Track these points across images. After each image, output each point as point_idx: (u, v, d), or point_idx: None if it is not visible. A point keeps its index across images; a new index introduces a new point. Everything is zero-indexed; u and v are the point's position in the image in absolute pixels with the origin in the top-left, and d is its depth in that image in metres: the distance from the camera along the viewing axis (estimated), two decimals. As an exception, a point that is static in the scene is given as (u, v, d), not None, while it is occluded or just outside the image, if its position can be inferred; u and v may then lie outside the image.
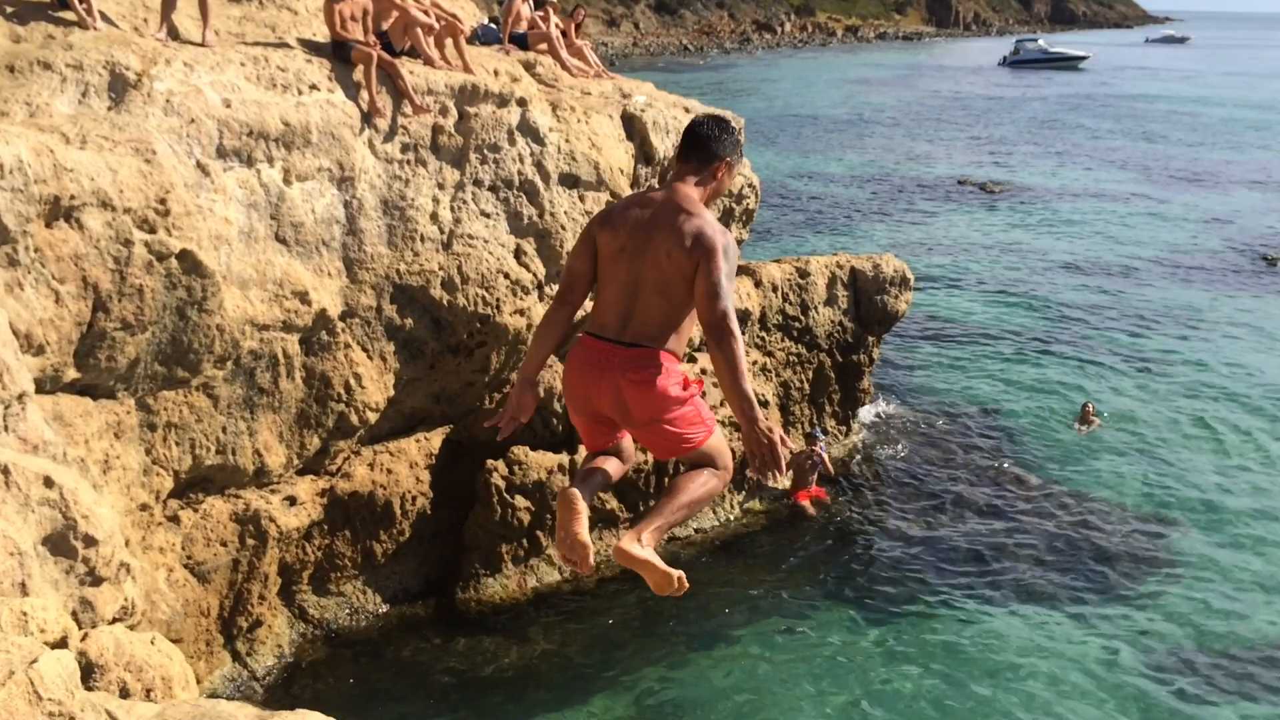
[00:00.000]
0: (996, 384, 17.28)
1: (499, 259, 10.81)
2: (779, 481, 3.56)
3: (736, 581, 11.36)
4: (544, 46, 12.90)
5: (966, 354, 18.66)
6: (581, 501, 3.97)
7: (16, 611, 4.47)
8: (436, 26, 11.01)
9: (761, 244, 24.52)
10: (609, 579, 11.02)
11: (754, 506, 12.88)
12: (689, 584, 3.97)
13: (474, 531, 10.93)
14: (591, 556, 3.97)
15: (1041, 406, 16.35)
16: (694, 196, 4.07)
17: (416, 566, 10.91)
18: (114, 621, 6.02)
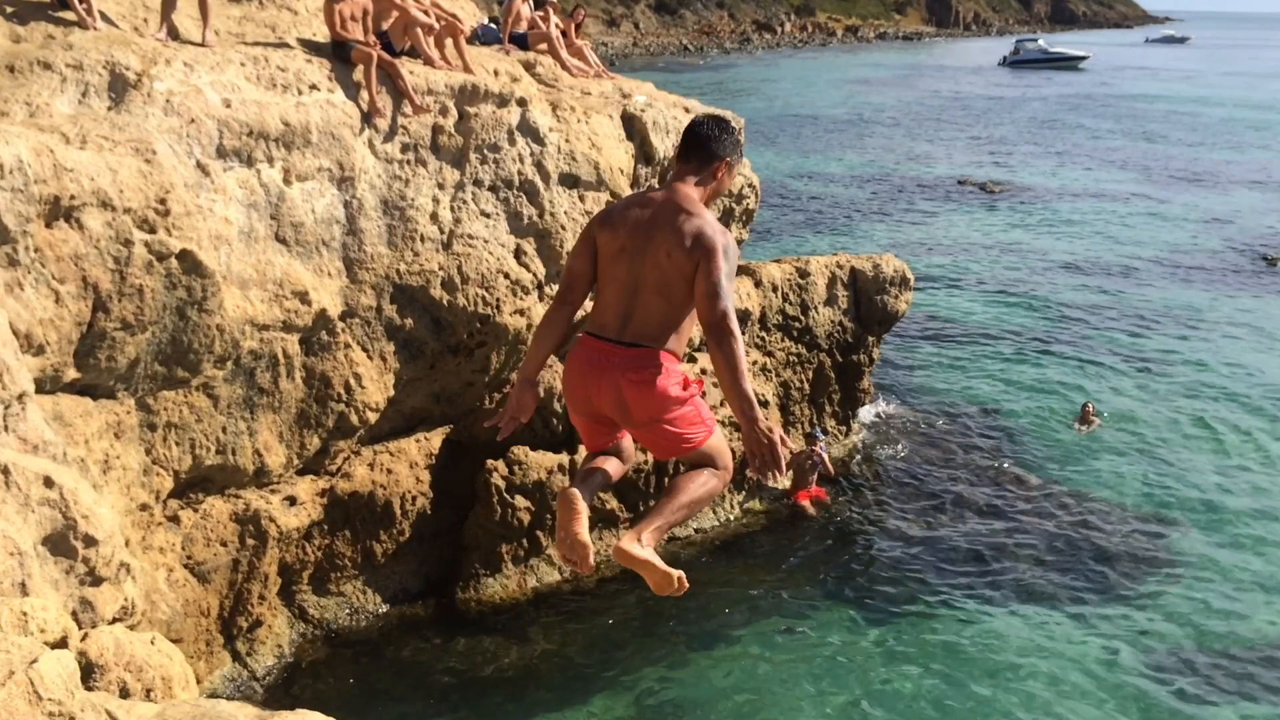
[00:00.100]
0: (996, 384, 17.28)
1: (499, 259, 10.81)
2: (779, 481, 3.57)
3: (736, 581, 11.36)
4: (544, 46, 12.90)
5: (966, 354, 18.66)
6: (581, 501, 3.97)
7: (16, 611, 4.47)
8: (436, 26, 11.01)
9: (761, 244, 24.52)
10: (609, 579, 11.02)
11: (754, 506, 12.88)
12: (689, 584, 3.97)
13: (474, 531, 10.93)
14: (592, 556, 3.97)
15: (1041, 406, 16.35)
16: (694, 196, 4.07)
17: (416, 566, 10.91)
18: (114, 621, 6.02)
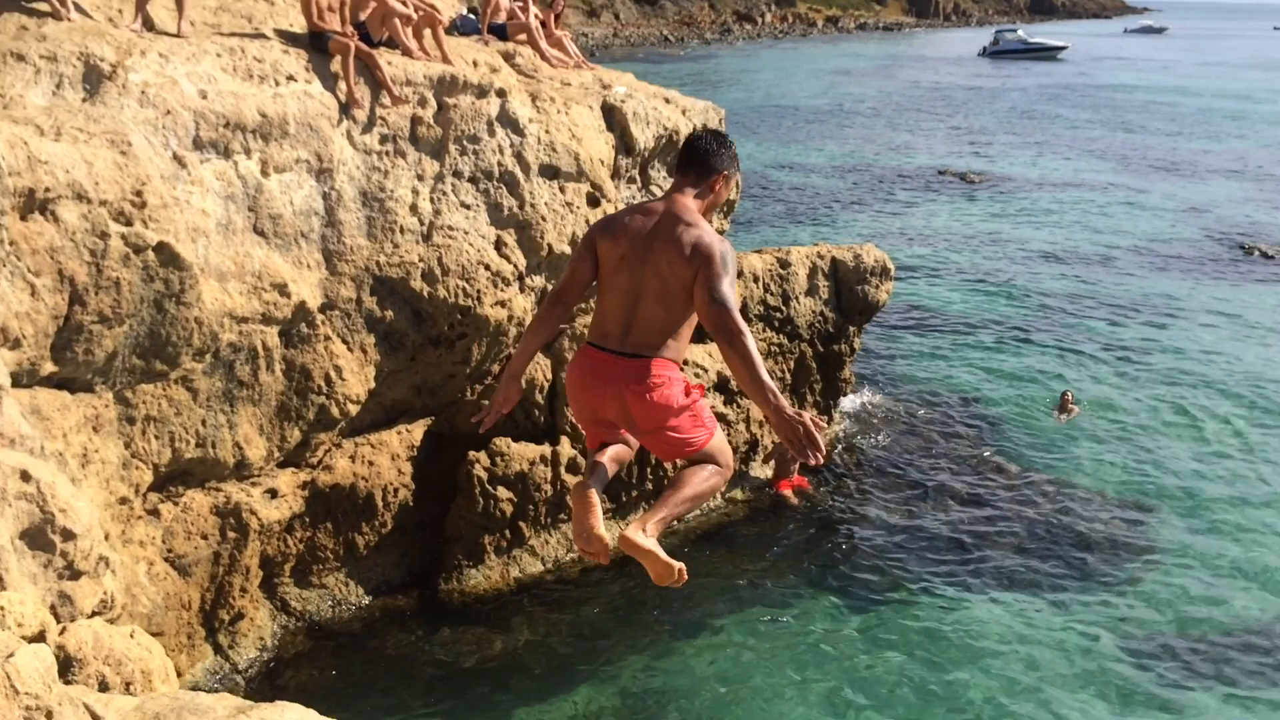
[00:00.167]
0: (977, 373, 17.35)
1: (479, 250, 10.78)
2: (820, 460, 3.67)
3: (719, 570, 11.39)
4: (523, 37, 12.86)
5: (947, 343, 18.73)
6: (596, 497, 4.13)
7: (-7, 605, 4.45)
8: (414, 17, 10.96)
9: (742, 235, 24.55)
10: (591, 569, 11.03)
11: (736, 496, 12.91)
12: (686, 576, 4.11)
13: (456, 523, 10.92)
14: (608, 549, 4.11)
15: (1022, 395, 16.43)
16: (692, 208, 4.21)
17: (399, 558, 10.89)
18: (93, 615, 6.00)
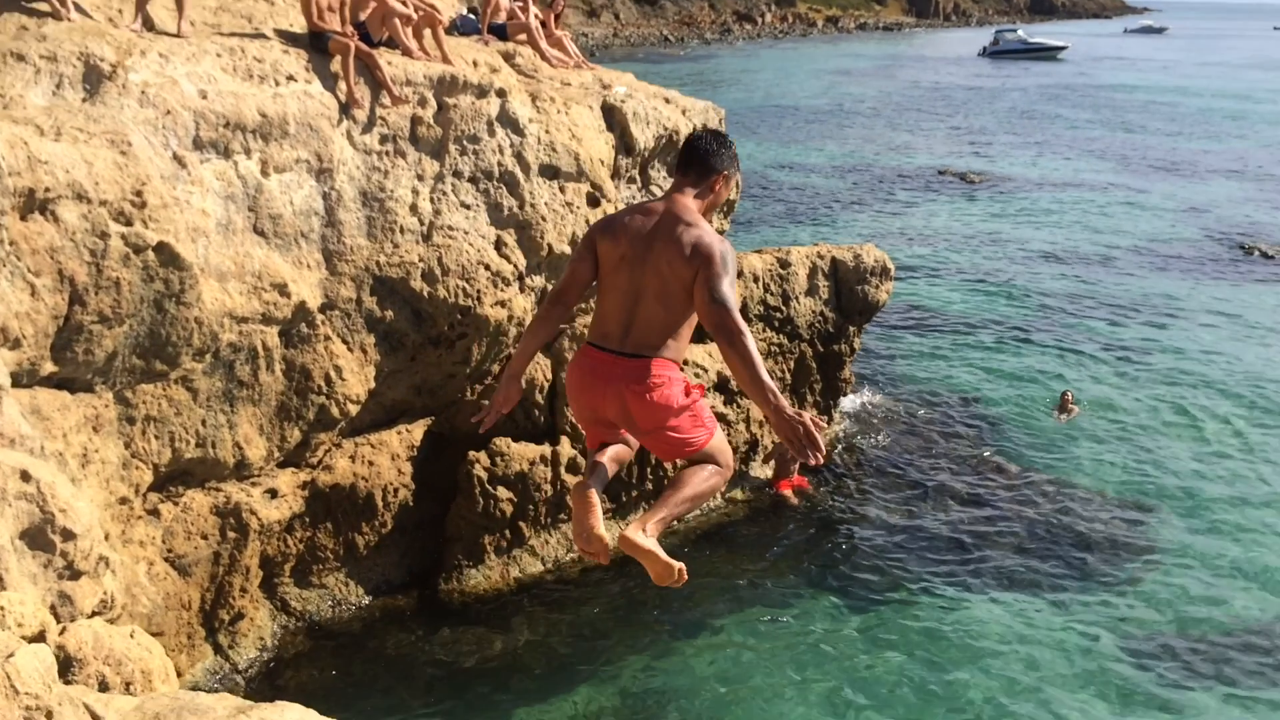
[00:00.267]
0: (977, 373, 17.35)
1: (479, 250, 10.78)
2: (821, 460, 3.67)
3: (719, 570, 11.39)
4: (523, 37, 12.86)
5: (947, 343, 18.73)
6: (596, 497, 4.14)
7: (-7, 605, 4.45)
8: (414, 17, 10.96)
9: (742, 235, 24.56)
10: (591, 569, 11.03)
11: (736, 496, 12.91)
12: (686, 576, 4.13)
13: (456, 523, 10.92)
14: (609, 549, 4.12)
15: (1022, 395, 16.43)
16: (692, 208, 4.22)
17: (399, 558, 10.89)
18: (93, 615, 6.00)
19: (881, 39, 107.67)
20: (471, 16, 13.38)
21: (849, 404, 15.33)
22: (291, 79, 9.73)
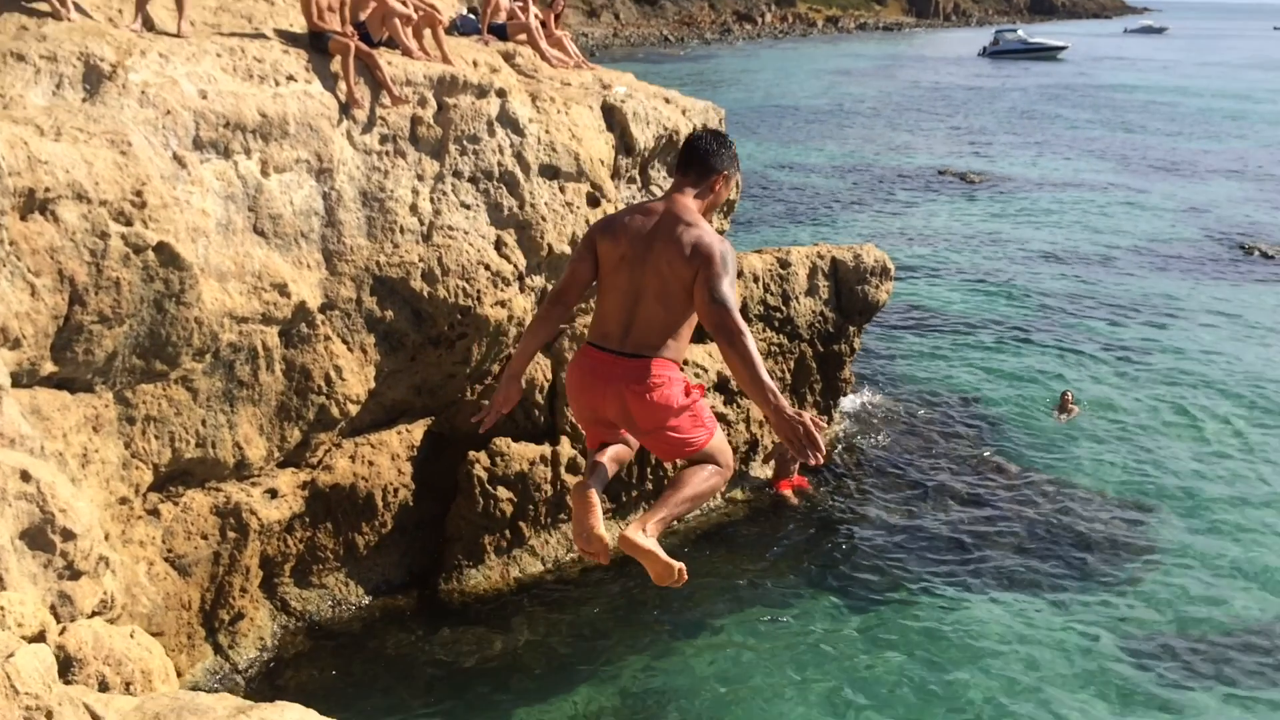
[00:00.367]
0: (977, 373, 17.35)
1: (479, 250, 10.78)
2: (820, 460, 3.68)
3: (719, 570, 11.39)
4: (523, 37, 12.86)
5: (947, 343, 18.73)
6: (596, 497, 4.16)
7: (-7, 605, 4.45)
8: (414, 17, 10.96)
9: (743, 235, 24.55)
10: (591, 569, 11.03)
11: (736, 496, 12.91)
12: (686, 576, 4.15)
13: (456, 523, 10.92)
14: (609, 549, 4.14)
15: (1022, 395, 16.43)
16: (692, 208, 4.23)
17: (399, 558, 10.89)
18: (93, 615, 6.00)
19: (881, 39, 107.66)
20: (471, 16, 13.38)
21: (849, 404, 15.32)
22: (291, 79, 9.73)
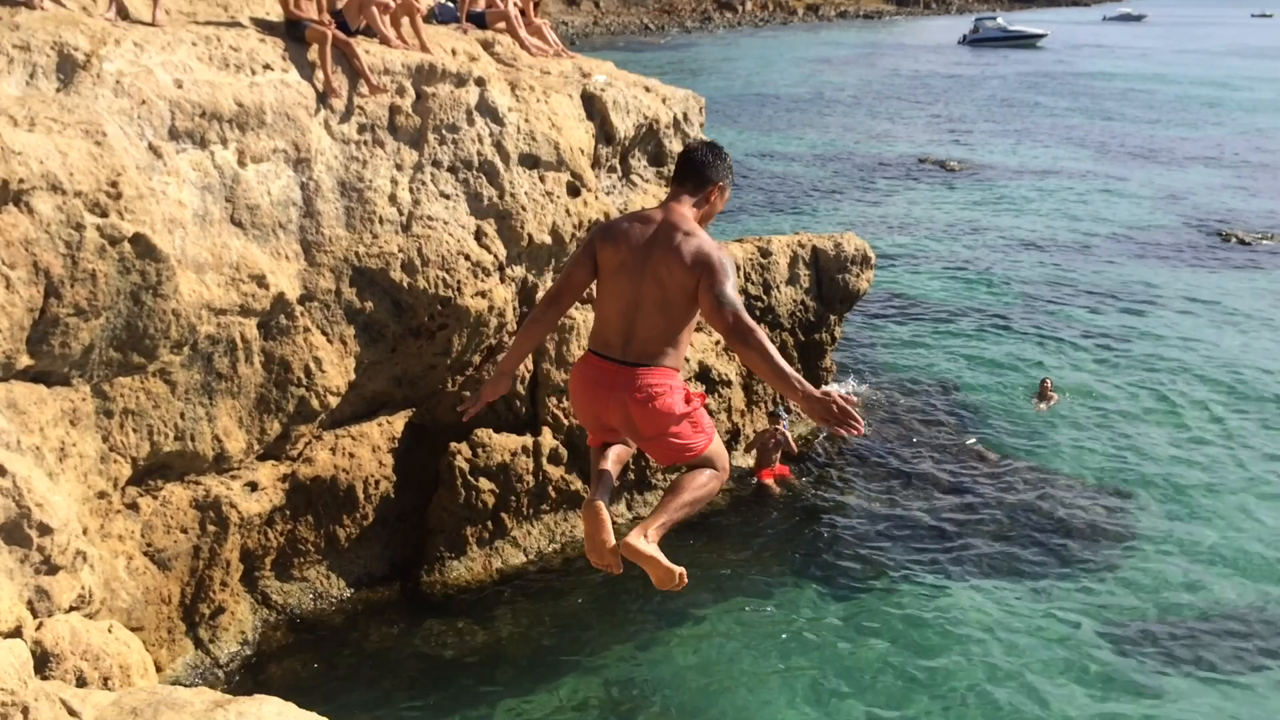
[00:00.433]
0: (957, 361, 17.41)
1: (459, 240, 10.73)
2: (861, 430, 3.73)
3: (702, 560, 11.39)
4: (502, 25, 12.79)
5: (928, 331, 18.79)
6: (605, 512, 4.30)
7: (-31, 602, 4.40)
8: (392, 5, 10.88)
9: (724, 224, 24.52)
10: (573, 559, 11.03)
11: (718, 485, 12.90)
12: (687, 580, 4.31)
13: (438, 514, 10.89)
14: (621, 560, 4.30)
15: (1002, 382, 16.50)
16: (689, 216, 4.34)
17: (380, 550, 10.86)
18: (71, 610, 5.95)
19: (862, 27, 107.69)
20: (450, 4, 13.30)
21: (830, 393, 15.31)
22: (268, 68, 9.64)
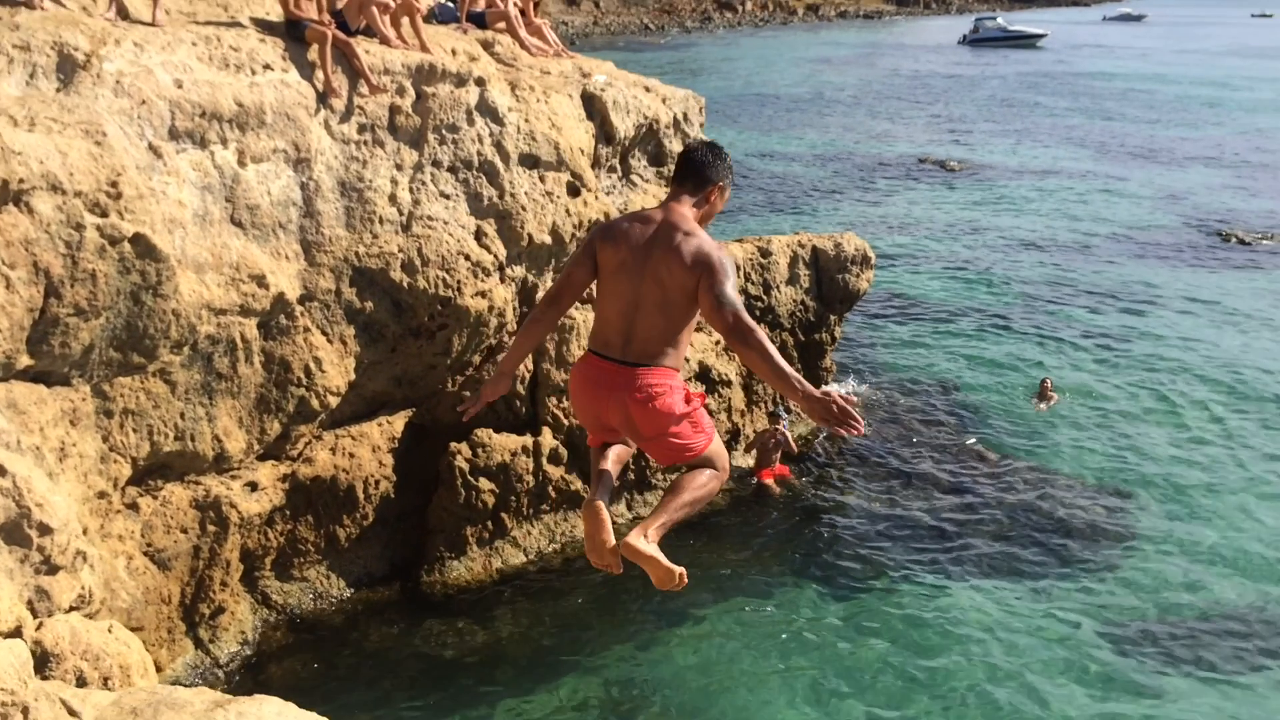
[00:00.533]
0: (958, 361, 17.40)
1: (459, 240, 10.73)
2: (861, 430, 3.73)
3: (702, 560, 11.39)
4: (502, 25, 12.79)
5: (928, 331, 18.79)
6: (605, 512, 4.30)
7: (-31, 602, 4.40)
8: (392, 5, 10.88)
9: (724, 224, 24.52)
10: (573, 559, 11.03)
11: (718, 485, 12.90)
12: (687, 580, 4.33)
13: (438, 514, 10.89)
14: (621, 561, 4.31)
15: (1002, 382, 16.50)
16: (689, 217, 4.35)
17: (380, 550, 10.86)
18: (71, 610, 5.95)
19: (862, 27, 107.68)
20: (450, 4, 13.30)
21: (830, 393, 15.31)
22: (268, 68, 9.64)
